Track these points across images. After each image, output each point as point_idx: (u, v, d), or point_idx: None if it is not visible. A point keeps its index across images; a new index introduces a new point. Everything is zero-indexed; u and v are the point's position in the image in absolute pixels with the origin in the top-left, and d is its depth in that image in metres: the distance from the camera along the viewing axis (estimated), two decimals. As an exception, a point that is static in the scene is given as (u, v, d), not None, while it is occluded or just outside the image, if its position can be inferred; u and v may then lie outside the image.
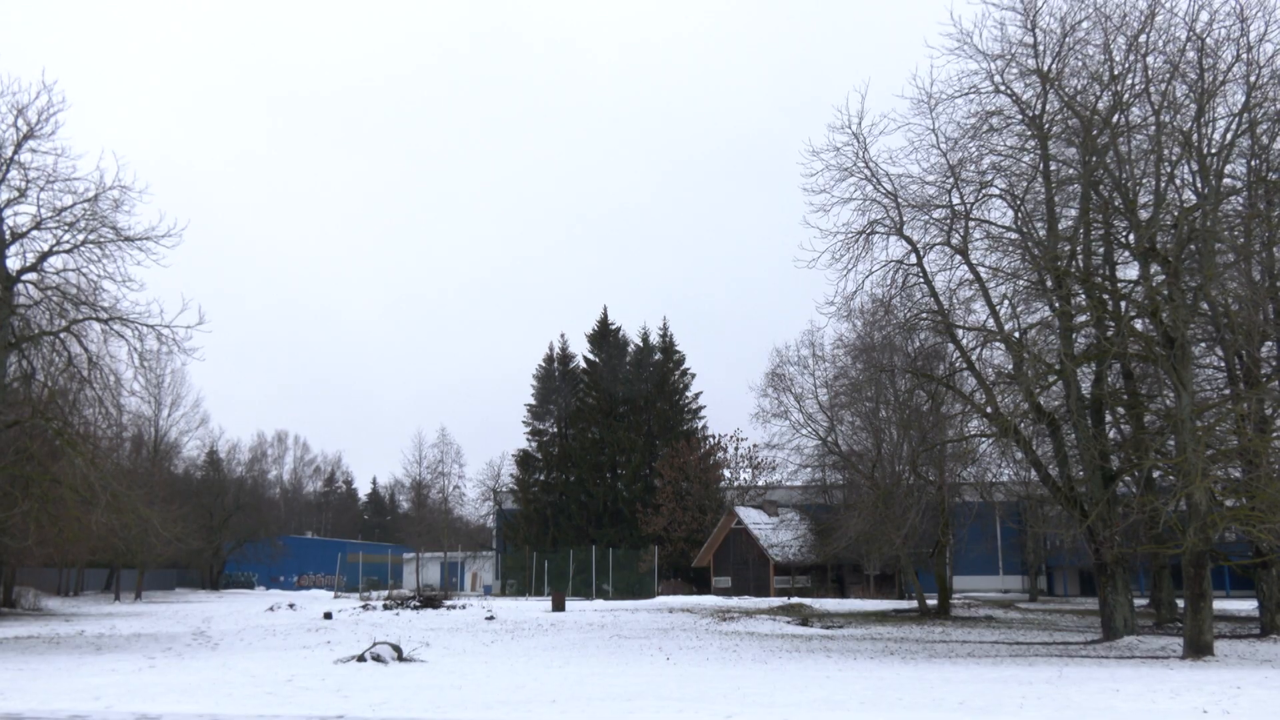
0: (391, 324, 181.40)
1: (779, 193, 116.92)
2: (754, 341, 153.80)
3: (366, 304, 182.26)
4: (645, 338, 76.94)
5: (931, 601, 45.66)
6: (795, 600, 49.66)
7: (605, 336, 76.78)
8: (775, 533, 60.19)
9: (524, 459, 76.65)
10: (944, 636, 32.52)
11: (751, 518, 61.07)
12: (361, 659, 22.36)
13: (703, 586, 62.31)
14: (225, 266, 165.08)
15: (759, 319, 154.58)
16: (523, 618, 38.82)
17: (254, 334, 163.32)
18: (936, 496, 42.82)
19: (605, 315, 77.37)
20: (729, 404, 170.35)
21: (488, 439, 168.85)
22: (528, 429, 77.44)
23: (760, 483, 66.27)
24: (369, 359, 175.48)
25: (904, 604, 50.08)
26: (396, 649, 23.08)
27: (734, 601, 50.06)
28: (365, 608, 44.54)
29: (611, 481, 73.96)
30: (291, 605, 47.74)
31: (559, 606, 44.36)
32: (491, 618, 38.33)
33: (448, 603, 46.35)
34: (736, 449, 67.52)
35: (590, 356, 76.91)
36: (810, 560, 58.82)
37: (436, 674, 20.04)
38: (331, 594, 71.39)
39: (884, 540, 42.92)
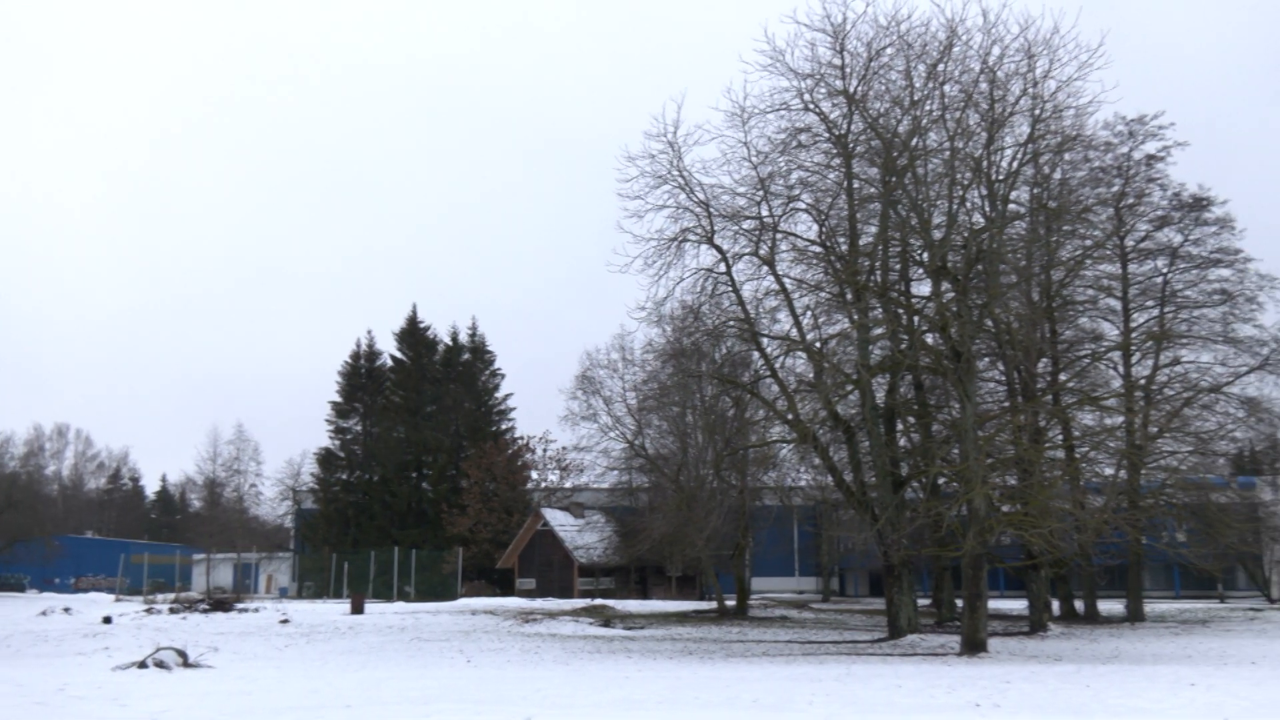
0: (189, 313, 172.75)
1: (594, 196, 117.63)
2: (567, 345, 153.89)
3: (156, 296, 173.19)
4: (455, 337, 76.04)
5: (730, 602, 46.77)
6: (599, 602, 49.99)
7: (414, 334, 75.43)
8: (581, 534, 60.44)
9: (326, 457, 74.44)
10: (741, 636, 33.37)
11: (558, 519, 61.14)
12: (143, 665, 21.19)
13: (507, 588, 61.96)
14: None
15: (572, 322, 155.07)
16: (319, 621, 37.65)
17: (42, 318, 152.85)
18: (738, 500, 43.91)
19: (415, 313, 76.05)
20: (540, 406, 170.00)
21: (289, 437, 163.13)
22: (331, 427, 75.25)
23: (568, 485, 66.44)
24: (160, 349, 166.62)
25: (704, 605, 51.12)
26: (181, 654, 21.98)
27: (538, 603, 50.01)
28: (149, 611, 42.26)
29: (417, 482, 72.70)
30: (67, 609, 44.82)
31: (358, 609, 43.25)
32: (286, 621, 37.03)
33: (240, 606, 44.47)
34: (545, 450, 67.51)
35: (398, 354, 75.42)
36: (615, 562, 59.34)
37: (224, 680, 19.21)
38: (113, 597, 67.35)
39: (686, 542, 43.72)
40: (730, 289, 31.60)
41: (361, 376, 76.09)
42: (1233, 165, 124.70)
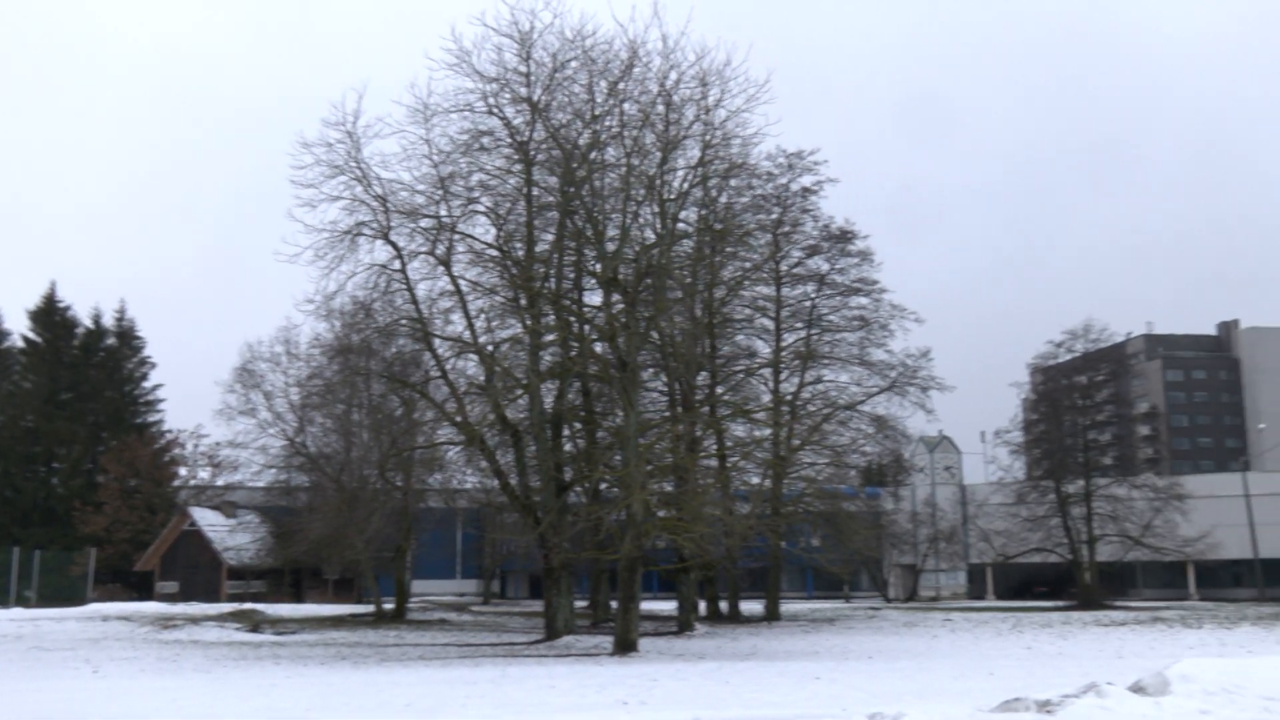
0: None
1: (264, 181, 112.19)
2: (229, 336, 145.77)
3: None
4: (98, 320, 69.79)
5: (389, 605, 45.88)
6: (248, 606, 47.49)
7: (51, 315, 68.55)
8: (232, 535, 57.26)
9: (-64, 447, 66.18)
10: (398, 640, 32.79)
11: (207, 519, 57.63)
12: None
13: (146, 592, 57.60)
14: None
15: (236, 314, 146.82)
16: (-84, 630, 33.41)
17: None
18: (402, 501, 43.19)
19: (53, 291, 69.19)
20: (197, 399, 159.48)
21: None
22: (-56, 413, 67.01)
23: (220, 482, 62.74)
24: None
25: (362, 608, 49.80)
26: None
27: (180, 608, 46.79)
28: None
29: (46, 476, 66.07)
30: None
31: (-35, 616, 38.75)
32: (-126, 630, 32.57)
33: None
34: (196, 446, 63.40)
35: (31, 335, 68.32)
36: (268, 564, 56.62)
37: None
38: None
39: (346, 544, 42.44)
40: (404, 287, 31.05)
41: (-15, 358, 68.36)
42: (872, 202, 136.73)
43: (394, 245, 30.56)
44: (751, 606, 46.48)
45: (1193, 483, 59.38)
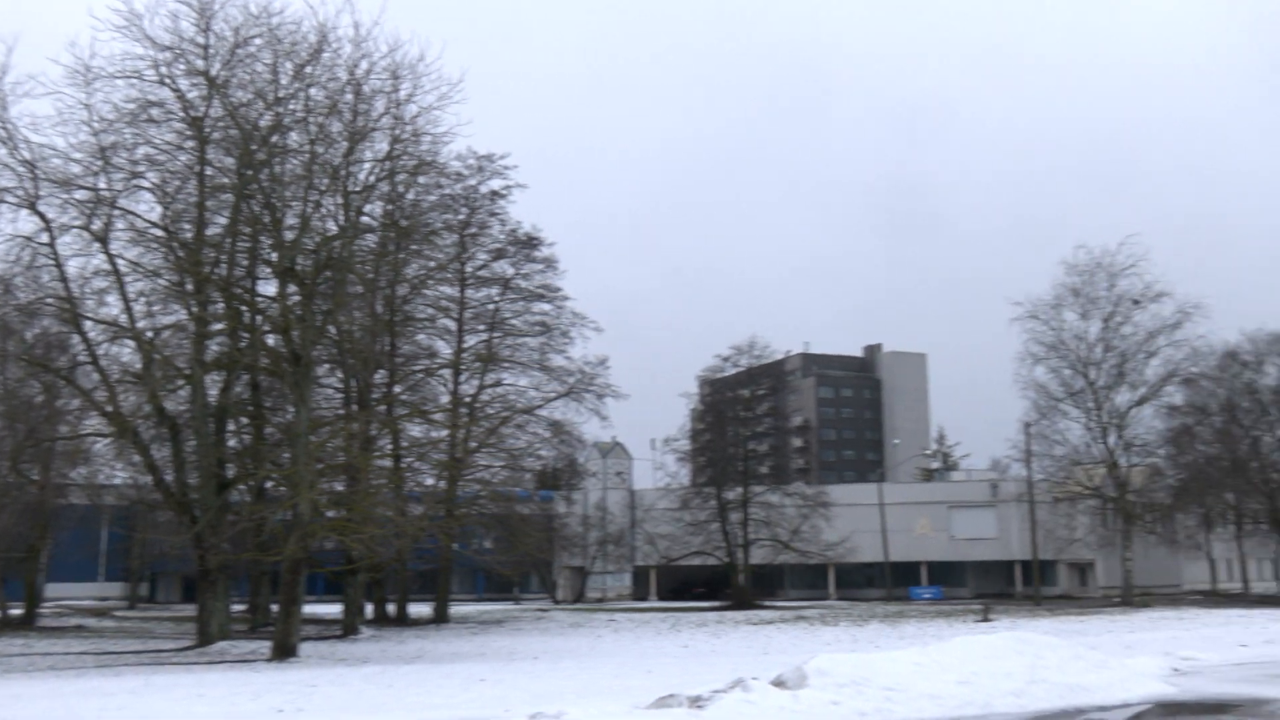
0: None
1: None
2: None
3: None
4: None
5: (17, 611, 41.74)
6: None
7: None
8: None
9: None
10: (25, 649, 29.86)
11: None
12: None
13: None
14: None
15: None
16: None
17: None
18: (37, 496, 39.36)
19: None
20: None
21: None
22: None
23: None
24: None
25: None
26: None
27: None
28: None
29: None
30: None
31: None
32: None
33: None
34: None
35: None
36: None
37: None
38: None
39: (-34, 543, 38.21)
40: (53, 263, 28.43)
41: None
42: (558, 209, 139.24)
43: (42, 216, 27.95)
44: (421, 609, 46.02)
45: (836, 492, 64.61)
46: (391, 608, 45.27)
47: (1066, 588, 66.93)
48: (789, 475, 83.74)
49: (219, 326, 29.43)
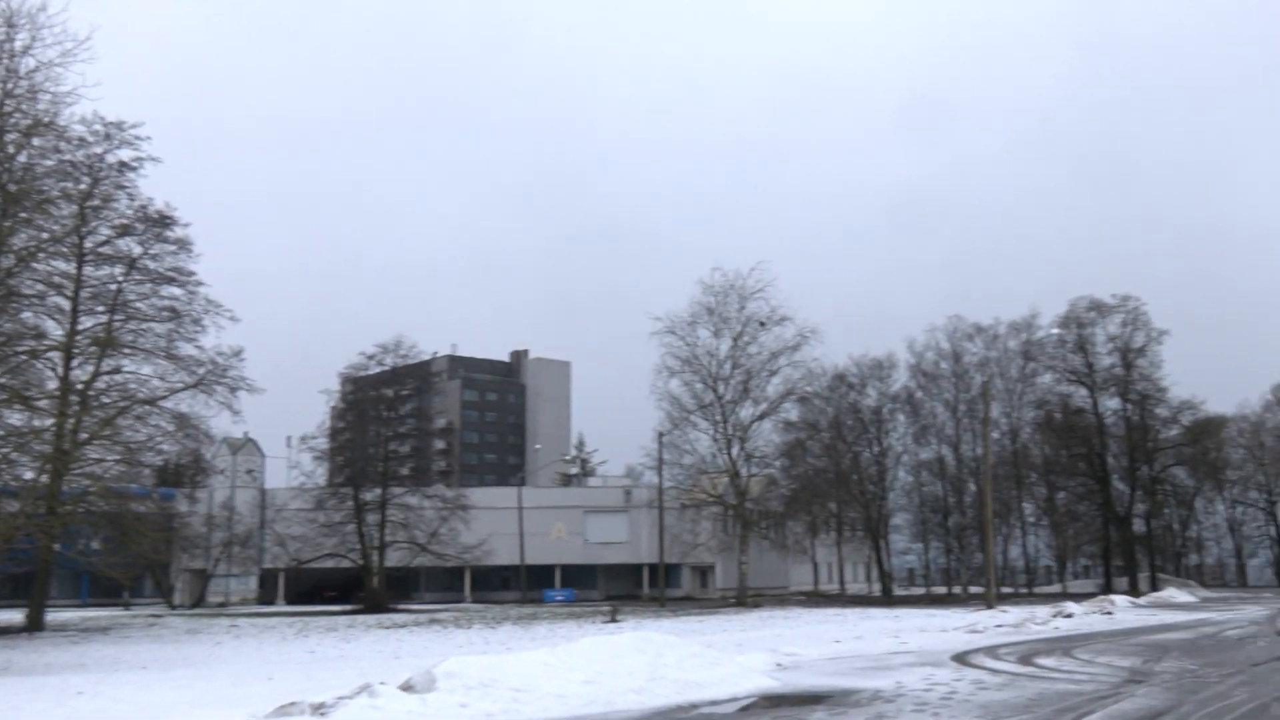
0: None
1: None
2: None
3: None
4: None
5: None
6: None
7: None
8: None
9: None
10: None
11: None
12: None
13: None
14: None
15: None
16: None
17: None
18: None
19: None
20: None
21: None
22: None
23: None
24: None
25: None
26: None
27: None
28: None
29: None
30: None
31: None
32: None
33: None
34: None
35: None
36: None
37: None
38: None
39: None
40: None
41: None
42: (198, 189, 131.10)
43: None
44: (12, 615, 41.51)
45: (476, 495, 65.06)
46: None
47: (690, 589, 71.05)
48: (430, 477, 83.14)
49: None
